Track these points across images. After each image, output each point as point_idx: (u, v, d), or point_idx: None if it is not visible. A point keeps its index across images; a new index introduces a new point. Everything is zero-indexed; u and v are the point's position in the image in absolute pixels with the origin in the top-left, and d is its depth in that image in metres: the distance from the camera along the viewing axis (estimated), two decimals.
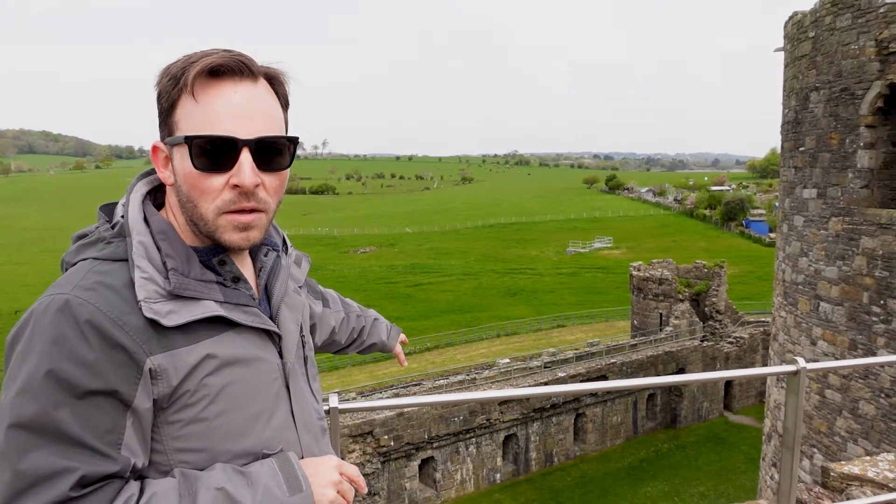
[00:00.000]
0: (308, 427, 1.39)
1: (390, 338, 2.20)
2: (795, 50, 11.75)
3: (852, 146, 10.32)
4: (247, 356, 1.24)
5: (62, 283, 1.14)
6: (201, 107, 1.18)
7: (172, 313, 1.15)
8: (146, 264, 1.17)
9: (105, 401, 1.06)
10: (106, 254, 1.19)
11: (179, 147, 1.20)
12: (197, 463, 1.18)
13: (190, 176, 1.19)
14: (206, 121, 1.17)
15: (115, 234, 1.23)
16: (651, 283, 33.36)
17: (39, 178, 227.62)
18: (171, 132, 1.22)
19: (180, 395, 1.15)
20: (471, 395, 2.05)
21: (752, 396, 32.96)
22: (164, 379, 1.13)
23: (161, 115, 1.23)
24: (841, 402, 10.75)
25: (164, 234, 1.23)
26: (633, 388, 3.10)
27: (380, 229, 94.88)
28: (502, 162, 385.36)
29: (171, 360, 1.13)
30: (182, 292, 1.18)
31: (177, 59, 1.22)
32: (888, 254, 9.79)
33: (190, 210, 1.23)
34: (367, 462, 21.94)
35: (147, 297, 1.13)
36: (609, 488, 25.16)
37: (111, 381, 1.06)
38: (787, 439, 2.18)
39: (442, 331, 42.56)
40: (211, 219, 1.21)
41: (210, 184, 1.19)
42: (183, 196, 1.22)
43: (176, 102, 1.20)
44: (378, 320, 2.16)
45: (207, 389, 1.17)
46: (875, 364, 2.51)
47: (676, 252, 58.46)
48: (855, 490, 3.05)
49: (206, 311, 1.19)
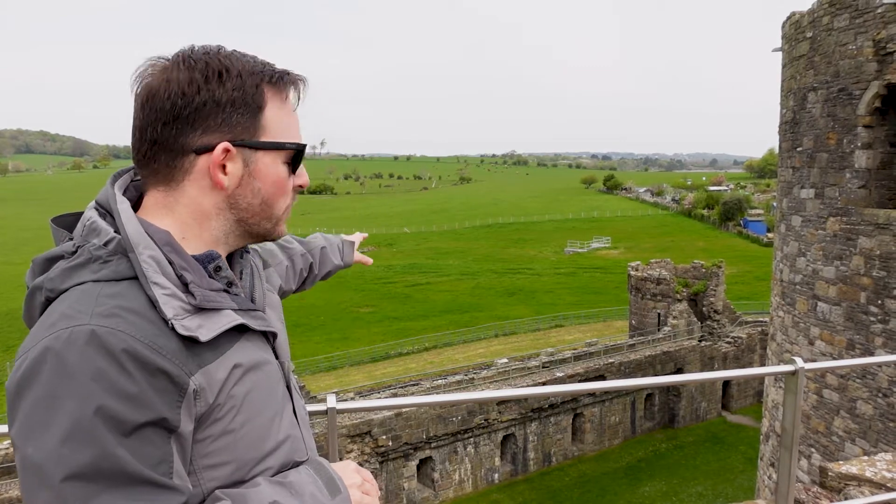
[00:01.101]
0: (305, 423, 1.41)
1: (345, 255, 2.17)
2: (793, 50, 11.76)
3: (850, 146, 10.33)
4: (259, 361, 1.22)
5: (71, 313, 1.02)
6: (290, 115, 1.27)
7: (202, 328, 1.10)
8: (164, 280, 1.10)
9: (154, 431, 1.00)
10: (106, 274, 1.09)
11: (269, 151, 1.24)
12: (224, 477, 1.14)
13: (281, 180, 1.27)
14: (296, 129, 1.28)
15: (110, 251, 1.12)
16: (649, 282, 33.40)
17: (37, 178, 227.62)
18: (254, 135, 1.20)
19: (211, 411, 1.11)
20: (469, 395, 2.04)
21: (749, 396, 33.00)
22: (203, 397, 1.08)
23: (235, 116, 1.18)
24: (838, 401, 10.76)
25: (169, 245, 1.15)
26: (632, 388, 3.09)
27: (378, 229, 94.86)
28: (500, 162, 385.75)
29: (206, 377, 1.09)
30: (207, 304, 1.13)
31: (240, 60, 1.20)
32: (885, 254, 9.81)
33: (263, 211, 1.27)
34: (364, 462, 21.92)
35: (176, 315, 1.07)
36: (607, 488, 25.17)
37: (159, 410, 1.00)
38: (786, 439, 2.18)
39: (440, 331, 42.58)
40: (280, 216, 1.30)
41: (289, 185, 1.29)
42: (258, 199, 1.24)
43: (263, 106, 1.21)
44: (325, 248, 2.09)
45: (234, 401, 1.14)
46: (873, 364, 2.51)
47: (674, 252, 58.52)
48: (853, 490, 3.05)
49: (230, 320, 1.16)
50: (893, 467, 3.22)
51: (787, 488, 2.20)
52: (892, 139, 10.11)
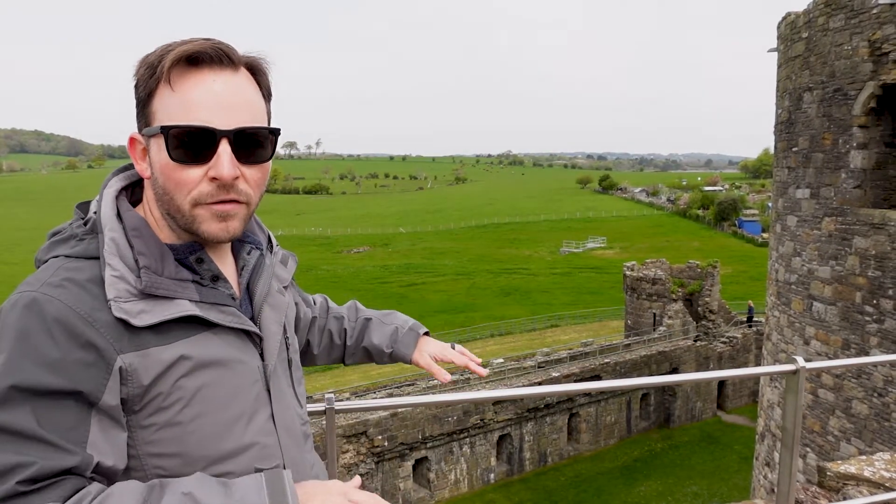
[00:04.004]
0: (290, 432, 1.34)
1: (401, 343, 1.77)
2: (789, 50, 11.78)
3: (845, 146, 10.36)
4: (224, 358, 1.19)
5: (31, 280, 1.11)
6: (178, 96, 1.14)
7: (144, 313, 1.11)
8: (117, 262, 1.13)
9: (69, 399, 1.02)
10: (77, 251, 1.15)
11: (156, 138, 1.15)
12: (172, 468, 1.14)
13: (167, 167, 1.15)
14: (183, 111, 1.13)
15: (87, 230, 1.19)
16: (644, 282, 33.44)
17: (31, 178, 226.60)
18: (149, 123, 1.17)
19: (153, 398, 1.11)
20: (465, 395, 2.03)
21: (744, 396, 33.08)
22: (135, 379, 1.09)
23: (138, 106, 1.19)
24: (834, 401, 10.78)
25: (137, 230, 1.18)
26: (627, 387, 3.10)
27: (373, 229, 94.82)
28: (496, 162, 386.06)
29: (141, 359, 1.09)
30: (154, 291, 1.13)
31: (155, 49, 1.18)
32: (881, 254, 9.83)
33: (167, 202, 1.19)
34: (360, 462, 21.90)
35: (117, 296, 1.09)
36: (603, 488, 25.19)
37: (76, 380, 1.02)
38: (786, 438, 2.17)
39: (435, 331, 41.63)
40: (187, 210, 1.17)
41: (187, 175, 1.15)
42: (159, 188, 1.18)
43: (153, 92, 1.16)
44: (372, 321, 1.79)
45: (182, 392, 1.13)
46: (871, 363, 2.51)
47: (670, 252, 58.62)
48: (851, 489, 3.05)
49: (180, 310, 1.15)
50: (892, 467, 3.21)
51: (787, 487, 2.19)
52: (888, 139, 10.14)
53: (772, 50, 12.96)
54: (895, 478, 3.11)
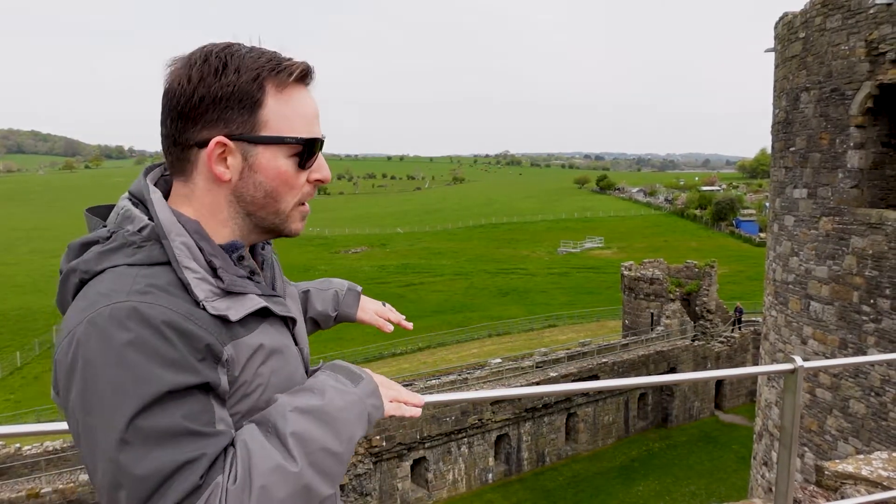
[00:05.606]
0: None
1: (343, 304, 1.89)
2: (786, 50, 11.80)
3: (842, 146, 10.37)
4: (282, 345, 1.29)
5: (108, 292, 1.10)
6: (296, 109, 1.27)
7: (231, 309, 1.18)
8: (195, 265, 1.18)
9: (195, 391, 1.07)
10: (140, 259, 1.17)
11: (269, 146, 1.25)
12: None
13: (286, 174, 1.27)
14: (305, 123, 1.28)
15: (144, 237, 1.20)
16: (642, 282, 33.46)
17: (28, 179, 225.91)
18: (253, 129, 1.23)
19: (239, 386, 1.18)
20: (462, 395, 2.00)
21: (742, 395, 33.12)
22: (232, 369, 1.16)
23: (231, 111, 1.22)
24: (831, 400, 10.80)
25: (199, 233, 1.23)
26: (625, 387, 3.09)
27: (371, 229, 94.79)
28: (493, 162, 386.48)
29: (236, 349, 1.17)
30: (233, 288, 1.21)
31: (240, 55, 1.22)
32: (878, 253, 9.85)
33: (268, 205, 1.29)
34: (358, 462, 21.90)
35: (206, 297, 1.16)
36: (601, 488, 25.20)
37: (201, 374, 1.08)
38: (785, 438, 2.17)
39: (433, 331, 42.51)
40: (289, 210, 1.31)
41: (299, 180, 1.30)
42: (261, 192, 1.27)
43: (262, 101, 1.23)
44: (310, 291, 1.85)
45: (262, 378, 1.22)
46: (868, 363, 2.51)
47: (667, 252, 58.69)
48: (849, 489, 3.05)
49: (256, 303, 1.24)
50: (889, 466, 3.22)
51: (785, 487, 2.19)
52: (885, 139, 10.16)
53: (769, 50, 12.98)
54: (893, 476, 3.11)
